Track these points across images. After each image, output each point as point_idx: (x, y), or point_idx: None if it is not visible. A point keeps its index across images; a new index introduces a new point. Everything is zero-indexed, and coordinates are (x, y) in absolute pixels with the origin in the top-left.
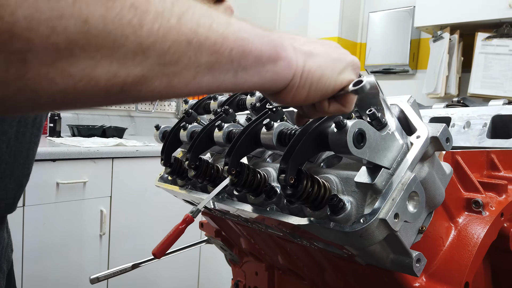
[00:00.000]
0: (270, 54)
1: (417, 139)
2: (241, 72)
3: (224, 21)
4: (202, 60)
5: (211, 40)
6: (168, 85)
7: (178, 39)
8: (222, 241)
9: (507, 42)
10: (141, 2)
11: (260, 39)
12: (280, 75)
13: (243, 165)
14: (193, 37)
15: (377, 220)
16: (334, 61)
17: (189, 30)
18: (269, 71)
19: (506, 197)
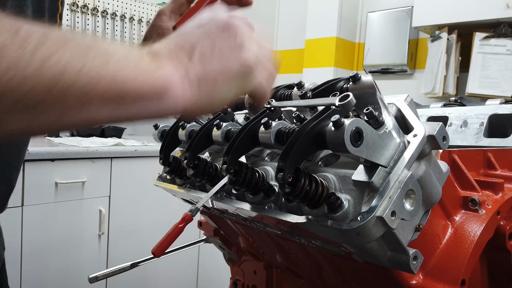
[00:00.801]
0: (153, 93)
1: (414, 137)
2: (120, 110)
3: (102, 60)
4: (68, 103)
5: (79, 85)
6: (30, 124)
7: (36, 87)
8: (221, 240)
9: (505, 42)
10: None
11: (144, 77)
12: (167, 110)
13: (241, 164)
14: (55, 84)
15: (374, 218)
16: (229, 78)
17: (50, 77)
18: (154, 108)
19: (503, 195)
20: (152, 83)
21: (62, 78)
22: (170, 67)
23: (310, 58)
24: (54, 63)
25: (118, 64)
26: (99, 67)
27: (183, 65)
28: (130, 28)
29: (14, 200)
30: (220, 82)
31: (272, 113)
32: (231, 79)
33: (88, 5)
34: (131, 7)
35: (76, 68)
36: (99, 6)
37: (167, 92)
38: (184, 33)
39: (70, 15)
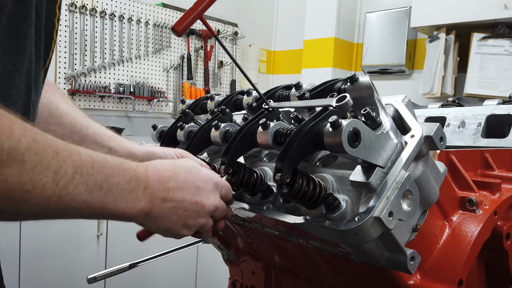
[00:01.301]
0: (122, 218)
1: (412, 138)
2: (88, 216)
3: (104, 193)
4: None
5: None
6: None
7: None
8: (219, 241)
9: (503, 42)
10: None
11: (123, 210)
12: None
13: (239, 164)
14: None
15: (372, 218)
16: (173, 232)
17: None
18: (115, 219)
19: (500, 195)
20: (125, 214)
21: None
22: (143, 204)
23: (309, 58)
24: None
25: (114, 199)
26: (102, 197)
27: (154, 206)
28: (129, 29)
29: None
30: (161, 230)
31: (270, 114)
32: (168, 233)
33: (86, 5)
34: (129, 7)
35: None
36: (97, 7)
37: (127, 219)
38: (180, 183)
39: (69, 15)
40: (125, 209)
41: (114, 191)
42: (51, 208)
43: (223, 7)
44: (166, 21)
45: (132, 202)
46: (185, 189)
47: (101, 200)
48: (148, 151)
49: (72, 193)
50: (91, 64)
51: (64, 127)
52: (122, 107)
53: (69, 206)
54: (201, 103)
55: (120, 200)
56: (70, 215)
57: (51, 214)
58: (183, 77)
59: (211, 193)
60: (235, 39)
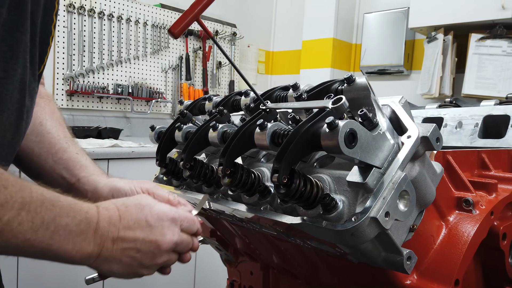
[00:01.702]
0: (68, 261)
1: (408, 139)
2: (39, 256)
3: (49, 233)
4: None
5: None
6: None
7: None
8: (217, 241)
9: (500, 43)
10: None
11: (70, 254)
12: (72, 264)
13: (237, 165)
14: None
15: (368, 219)
16: (124, 275)
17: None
18: (62, 261)
19: (496, 196)
20: (71, 257)
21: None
22: (92, 248)
23: (307, 59)
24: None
25: (60, 241)
26: (47, 237)
27: (103, 248)
28: (127, 30)
29: None
30: (117, 273)
31: (267, 115)
32: (125, 275)
33: (84, 6)
34: (128, 8)
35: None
36: (95, 8)
37: (74, 263)
38: (131, 222)
39: (67, 16)
40: (71, 251)
41: (61, 232)
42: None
43: (221, 8)
44: (165, 21)
45: (79, 245)
46: (137, 228)
47: (46, 240)
48: (114, 187)
49: (15, 230)
50: (90, 65)
51: (42, 146)
52: (120, 108)
53: (10, 243)
54: (199, 104)
55: (66, 242)
56: (11, 252)
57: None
58: (181, 78)
59: (167, 229)
60: (234, 39)
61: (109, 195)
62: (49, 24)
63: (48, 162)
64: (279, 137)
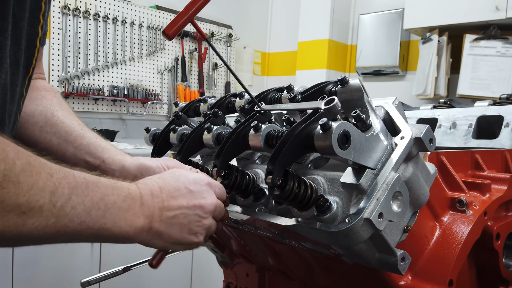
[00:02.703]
0: (121, 239)
1: (401, 140)
2: (96, 239)
3: (101, 211)
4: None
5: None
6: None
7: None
8: (213, 243)
9: (495, 43)
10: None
11: (120, 230)
12: (124, 243)
13: (232, 167)
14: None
15: (362, 220)
16: (178, 244)
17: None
18: (116, 241)
19: (490, 196)
20: (127, 233)
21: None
22: (143, 221)
23: (303, 60)
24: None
25: (112, 223)
26: (100, 217)
27: (153, 220)
28: (122, 31)
29: None
30: (170, 243)
31: (262, 117)
32: (178, 245)
33: (80, 8)
34: (123, 10)
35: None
36: (90, 9)
37: (129, 240)
38: (172, 191)
39: (62, 18)
40: (125, 227)
41: (112, 210)
42: (50, 231)
43: (217, 9)
44: (160, 23)
45: (130, 220)
46: (179, 196)
47: (99, 220)
48: (140, 164)
49: (70, 214)
50: (85, 67)
51: (59, 135)
52: (116, 110)
53: (68, 228)
54: (194, 105)
55: (118, 219)
56: (70, 237)
57: (50, 238)
58: (177, 79)
59: (206, 193)
60: (230, 41)
61: (137, 172)
62: (36, 25)
63: (69, 150)
64: (273, 139)
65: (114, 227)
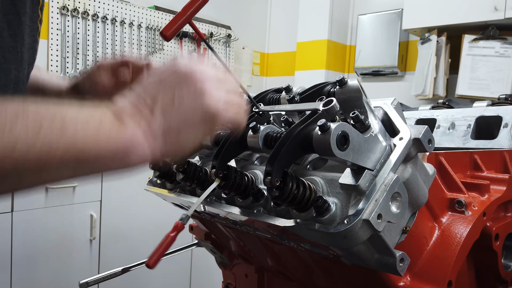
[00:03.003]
0: (115, 154)
1: (400, 141)
2: (84, 168)
3: (58, 129)
4: (22, 172)
5: (32, 158)
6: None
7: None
8: (212, 244)
9: (493, 44)
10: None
11: (106, 140)
12: (135, 164)
13: (230, 168)
14: (5, 160)
15: (361, 221)
16: (193, 126)
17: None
18: (118, 166)
19: (489, 196)
20: (114, 145)
21: (14, 152)
22: (133, 124)
23: (302, 60)
24: (5, 142)
25: (76, 132)
26: (55, 137)
27: (145, 120)
28: (121, 32)
29: (4, 206)
30: (184, 131)
31: (260, 117)
32: (194, 127)
33: (78, 9)
34: (121, 10)
35: (27, 144)
36: (89, 10)
37: (130, 151)
38: (145, 86)
39: (60, 19)
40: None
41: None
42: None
43: (216, 10)
44: (159, 24)
45: (114, 131)
46: (149, 79)
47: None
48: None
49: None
50: (83, 67)
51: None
52: None
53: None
54: None
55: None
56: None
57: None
58: None
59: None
60: (228, 41)
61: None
62: (36, 20)
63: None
64: (271, 140)
65: (96, 144)
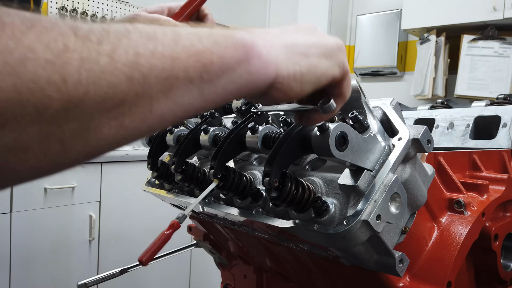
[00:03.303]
0: (238, 57)
1: (399, 141)
2: (208, 86)
3: (170, 38)
4: (153, 91)
5: (158, 67)
6: (119, 128)
7: (115, 80)
8: (211, 245)
9: (492, 44)
10: (58, 53)
11: (222, 44)
12: (258, 76)
13: (229, 168)
14: (133, 71)
15: (360, 222)
16: (317, 47)
17: (126, 65)
18: (242, 75)
19: (488, 197)
20: (232, 47)
21: (138, 64)
22: (247, 33)
23: None
24: (124, 50)
25: (188, 39)
26: (171, 46)
27: (265, 36)
28: None
29: (3, 206)
30: (313, 53)
31: (259, 118)
32: (324, 52)
33: (77, 9)
34: (121, 11)
35: (149, 51)
36: (88, 10)
37: (250, 55)
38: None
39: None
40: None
41: (220, 40)
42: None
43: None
44: None
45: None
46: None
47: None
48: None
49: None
50: None
51: None
52: None
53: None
54: None
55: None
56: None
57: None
58: None
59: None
60: None
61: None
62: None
63: None
64: (270, 140)
65: (215, 49)
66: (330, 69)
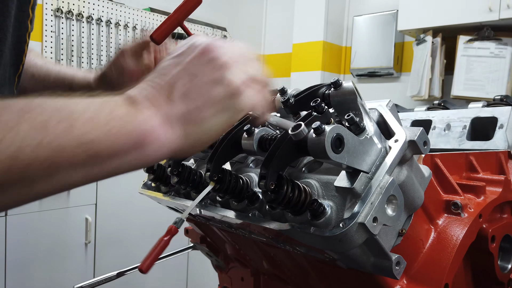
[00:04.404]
0: (131, 144)
1: (395, 143)
2: (95, 169)
3: (63, 128)
4: (34, 176)
5: (41, 157)
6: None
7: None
8: (207, 247)
9: (488, 44)
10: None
11: (116, 132)
12: (154, 155)
13: (225, 171)
14: (14, 163)
15: (356, 224)
16: (213, 103)
17: (8, 157)
18: (137, 157)
19: (485, 198)
20: (128, 135)
21: (18, 158)
22: (148, 112)
23: (298, 62)
24: (8, 144)
25: (84, 126)
26: (62, 135)
27: (162, 108)
28: (116, 34)
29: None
30: (207, 114)
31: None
32: (218, 108)
33: (73, 10)
34: (116, 12)
35: (34, 143)
36: (84, 12)
37: (146, 141)
38: (160, 70)
39: (55, 21)
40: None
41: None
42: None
43: (211, 12)
44: (154, 26)
45: (132, 117)
46: (169, 60)
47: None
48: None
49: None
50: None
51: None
52: None
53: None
54: None
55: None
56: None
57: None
58: None
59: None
60: None
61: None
62: (26, 20)
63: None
64: (266, 143)
65: (107, 138)
66: (228, 121)
